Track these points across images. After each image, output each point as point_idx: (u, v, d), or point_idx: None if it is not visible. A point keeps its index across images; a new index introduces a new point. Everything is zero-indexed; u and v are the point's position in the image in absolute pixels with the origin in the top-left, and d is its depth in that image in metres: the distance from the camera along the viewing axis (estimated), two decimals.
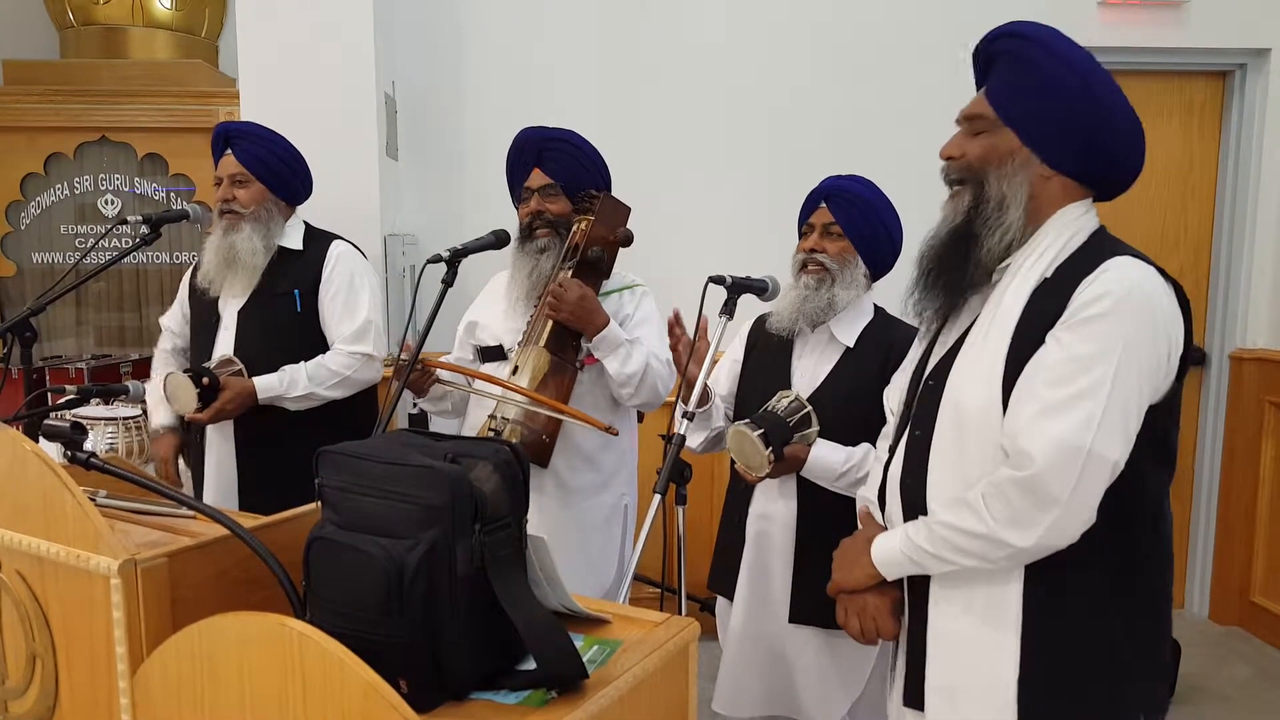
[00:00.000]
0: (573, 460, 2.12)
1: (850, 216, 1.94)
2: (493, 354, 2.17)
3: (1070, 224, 1.32)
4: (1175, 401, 1.30)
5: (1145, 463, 1.25)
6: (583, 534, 2.15)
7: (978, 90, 1.39)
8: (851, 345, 1.95)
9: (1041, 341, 1.24)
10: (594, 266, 2.05)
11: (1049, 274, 1.28)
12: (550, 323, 2.01)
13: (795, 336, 2.00)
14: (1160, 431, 1.27)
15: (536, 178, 2.14)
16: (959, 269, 1.35)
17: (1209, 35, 3.42)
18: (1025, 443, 1.20)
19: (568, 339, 2.03)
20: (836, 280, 1.93)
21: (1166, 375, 1.26)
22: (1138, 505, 1.27)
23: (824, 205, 1.98)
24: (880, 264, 2.01)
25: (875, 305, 2.03)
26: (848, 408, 1.90)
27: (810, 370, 1.97)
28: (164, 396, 2.25)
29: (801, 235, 2.02)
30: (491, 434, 2.00)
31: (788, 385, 1.96)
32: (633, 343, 2.06)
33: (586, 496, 2.15)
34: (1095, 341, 1.20)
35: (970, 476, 1.27)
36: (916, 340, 1.52)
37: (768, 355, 2.03)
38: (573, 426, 2.06)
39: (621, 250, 2.13)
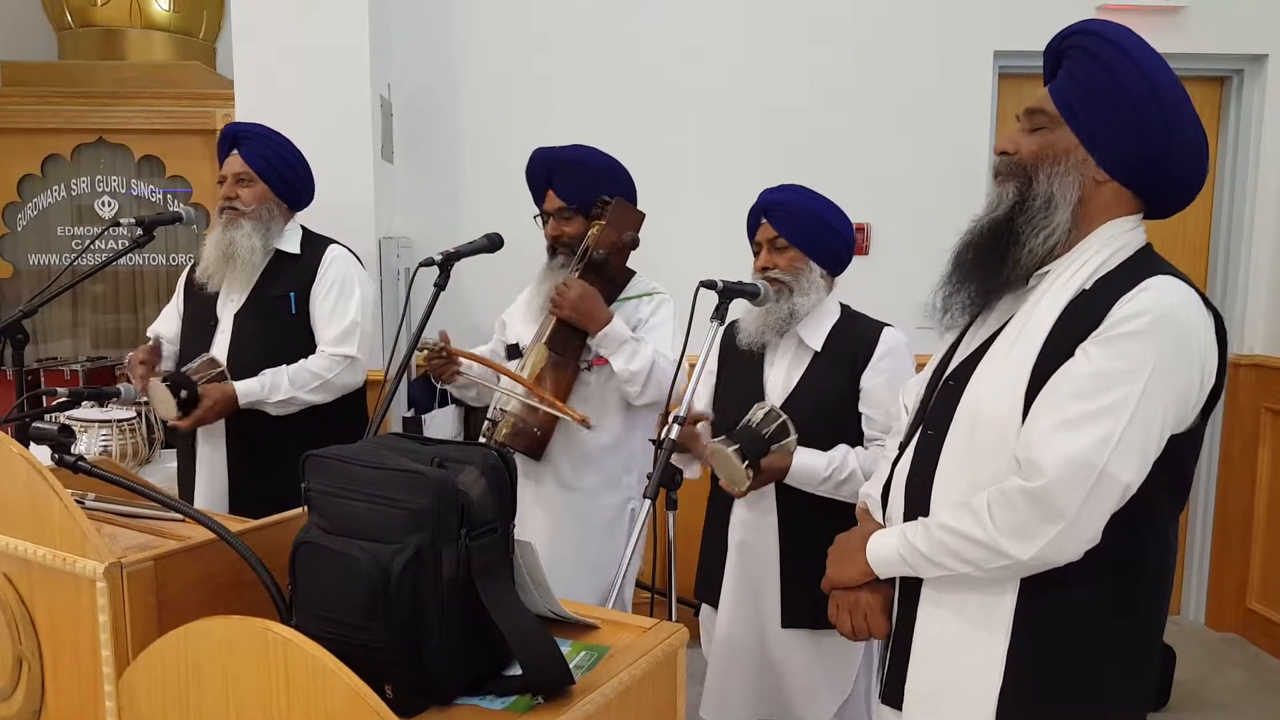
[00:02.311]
0: (575, 459, 2.16)
1: (792, 227, 1.95)
2: (513, 352, 2.26)
3: (1117, 237, 1.27)
4: (1198, 434, 1.26)
5: (1158, 491, 1.22)
6: (584, 534, 2.16)
7: (1044, 86, 1.34)
8: (819, 349, 1.96)
9: (1071, 353, 1.20)
10: (600, 269, 2.11)
11: (1088, 286, 1.24)
12: (554, 321, 2.08)
13: (766, 345, 2.00)
14: (1178, 462, 1.23)
15: (551, 200, 2.20)
16: (995, 266, 1.30)
17: (1206, 41, 3.42)
18: (1039, 454, 1.17)
19: (571, 337, 2.08)
20: (794, 290, 1.94)
21: (1194, 406, 1.22)
22: (1144, 531, 1.24)
23: (765, 221, 1.98)
24: (835, 261, 2.01)
25: (840, 304, 2.03)
26: (820, 411, 1.91)
27: (782, 377, 1.97)
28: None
29: (754, 254, 2.04)
30: (488, 424, 2.10)
31: (761, 393, 1.97)
32: (639, 340, 2.09)
33: (589, 497, 2.17)
34: (1125, 359, 1.17)
35: (979, 482, 1.25)
36: (938, 323, 1.46)
37: (741, 364, 2.03)
38: (573, 424, 2.09)
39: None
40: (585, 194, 2.18)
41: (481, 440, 2.17)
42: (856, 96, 3.41)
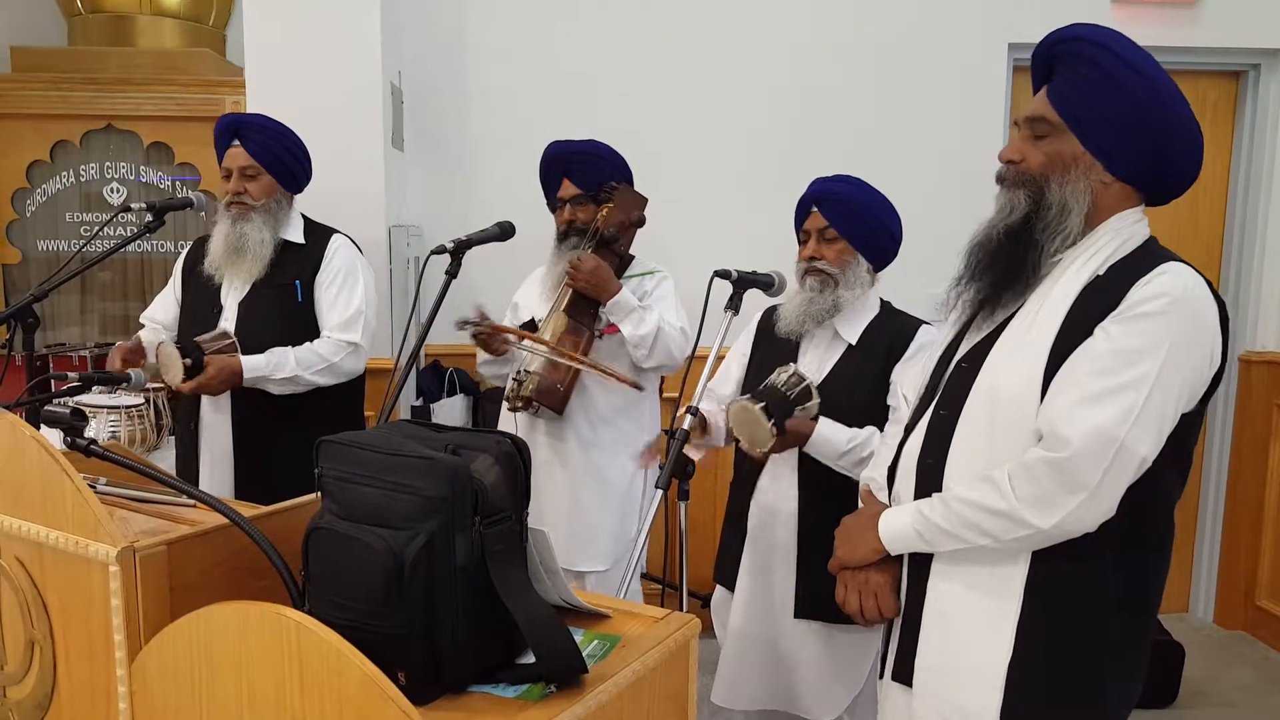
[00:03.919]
0: (592, 418, 2.33)
1: (844, 218, 1.95)
2: (528, 327, 2.37)
3: (1125, 228, 1.32)
4: (1201, 415, 1.31)
5: (1166, 467, 1.26)
6: (605, 493, 2.33)
7: (1035, 92, 1.37)
8: (855, 342, 1.96)
9: (1089, 334, 1.25)
10: (610, 245, 2.30)
11: (1102, 272, 1.29)
12: (570, 291, 2.26)
13: (803, 334, 2.01)
14: (1184, 440, 1.28)
15: (567, 188, 2.37)
16: (1015, 270, 1.34)
17: (1222, 35, 3.39)
18: (1063, 427, 1.21)
19: (585, 307, 2.26)
20: (840, 283, 1.94)
21: (1203, 385, 1.28)
22: (1152, 506, 1.29)
23: (815, 210, 1.97)
24: (881, 257, 2.01)
25: (881, 299, 2.03)
26: (850, 403, 1.90)
27: (815, 366, 1.98)
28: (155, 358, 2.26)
29: (799, 242, 2.03)
30: (513, 384, 2.27)
31: None
32: (645, 309, 2.26)
33: (608, 454, 2.34)
34: (1145, 337, 1.22)
35: (995, 459, 1.28)
36: (947, 325, 1.50)
37: (775, 351, 2.04)
38: (590, 384, 2.29)
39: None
40: (599, 182, 2.34)
41: (505, 400, 2.31)
42: (868, 88, 3.39)
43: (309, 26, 2.93)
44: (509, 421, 2.34)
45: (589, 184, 2.35)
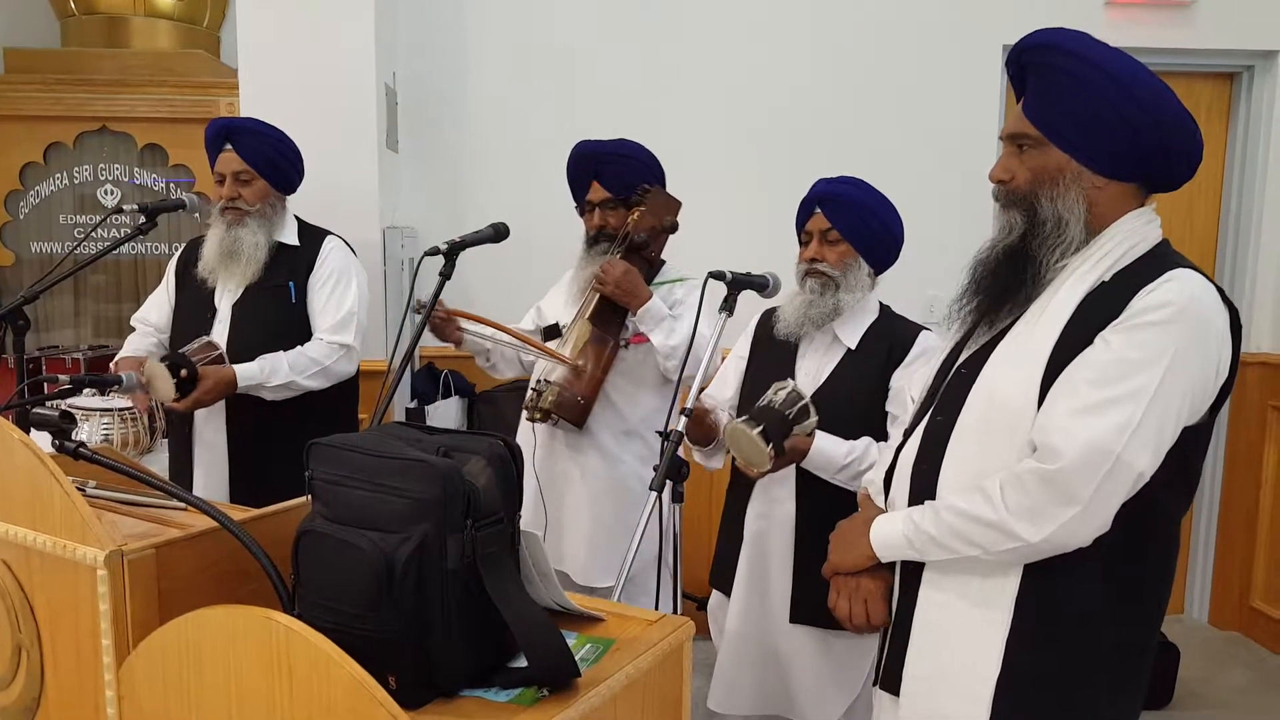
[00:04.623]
0: (616, 432, 2.26)
1: (847, 220, 1.93)
2: (551, 332, 2.33)
3: (1135, 232, 1.29)
4: (1207, 429, 1.27)
5: (1168, 482, 1.23)
6: (630, 506, 2.22)
7: (1018, 100, 1.36)
8: (854, 347, 1.94)
9: (1089, 342, 1.22)
10: (640, 251, 2.23)
11: (1107, 278, 1.26)
12: (597, 298, 2.19)
13: (802, 336, 2.00)
14: (1188, 454, 1.25)
15: (596, 191, 2.30)
16: (1015, 286, 1.32)
17: (1216, 36, 3.40)
18: (1057, 438, 1.18)
19: (611, 315, 2.20)
20: (841, 286, 1.92)
21: (1208, 398, 1.24)
22: (1152, 522, 1.25)
23: (818, 211, 1.96)
24: (883, 261, 2.00)
25: (880, 303, 2.02)
26: (848, 408, 1.89)
27: (814, 370, 1.97)
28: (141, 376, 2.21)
29: (801, 243, 2.02)
30: (532, 393, 2.22)
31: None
32: (676, 318, 2.20)
33: (631, 470, 2.27)
34: (1146, 348, 1.18)
35: (989, 467, 1.25)
36: (950, 332, 1.49)
37: (773, 354, 2.03)
38: (615, 396, 2.24)
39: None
40: (629, 185, 2.27)
41: (524, 409, 2.25)
42: (863, 91, 3.39)
43: (303, 28, 2.92)
44: (527, 431, 2.28)
45: (619, 187, 2.26)
